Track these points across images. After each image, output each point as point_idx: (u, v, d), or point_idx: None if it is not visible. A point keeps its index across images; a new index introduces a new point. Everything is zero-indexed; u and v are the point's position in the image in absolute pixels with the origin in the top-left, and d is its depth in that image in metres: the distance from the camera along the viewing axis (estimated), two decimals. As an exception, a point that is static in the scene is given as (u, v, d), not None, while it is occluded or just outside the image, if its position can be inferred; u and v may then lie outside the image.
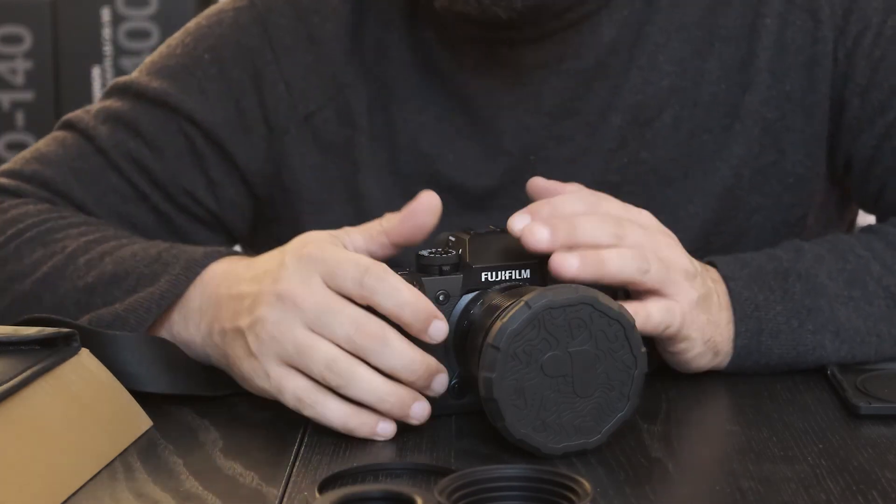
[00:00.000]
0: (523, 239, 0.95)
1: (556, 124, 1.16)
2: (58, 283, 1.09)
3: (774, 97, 1.16)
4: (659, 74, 1.16)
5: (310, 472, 0.88)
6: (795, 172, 1.17)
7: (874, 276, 1.07)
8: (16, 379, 0.86)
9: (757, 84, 1.16)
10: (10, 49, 2.10)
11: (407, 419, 0.93)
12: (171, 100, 1.18)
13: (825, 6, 1.15)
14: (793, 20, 1.16)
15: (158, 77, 1.20)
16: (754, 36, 1.16)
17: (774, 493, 0.84)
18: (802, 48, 1.16)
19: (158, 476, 0.88)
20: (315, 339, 0.92)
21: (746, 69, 1.16)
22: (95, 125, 1.19)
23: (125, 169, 1.18)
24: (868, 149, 1.16)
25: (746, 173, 1.16)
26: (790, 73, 1.16)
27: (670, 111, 1.16)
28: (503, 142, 1.17)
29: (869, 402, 0.97)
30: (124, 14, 2.10)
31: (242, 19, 1.20)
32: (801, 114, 1.16)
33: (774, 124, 1.16)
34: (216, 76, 1.19)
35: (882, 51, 1.15)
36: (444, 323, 0.92)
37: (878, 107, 1.15)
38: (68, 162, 1.19)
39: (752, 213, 1.17)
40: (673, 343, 1.01)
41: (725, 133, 1.16)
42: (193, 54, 1.20)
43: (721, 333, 1.03)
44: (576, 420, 0.89)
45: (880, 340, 1.06)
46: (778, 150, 1.17)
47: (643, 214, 1.01)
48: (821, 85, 1.16)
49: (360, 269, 0.92)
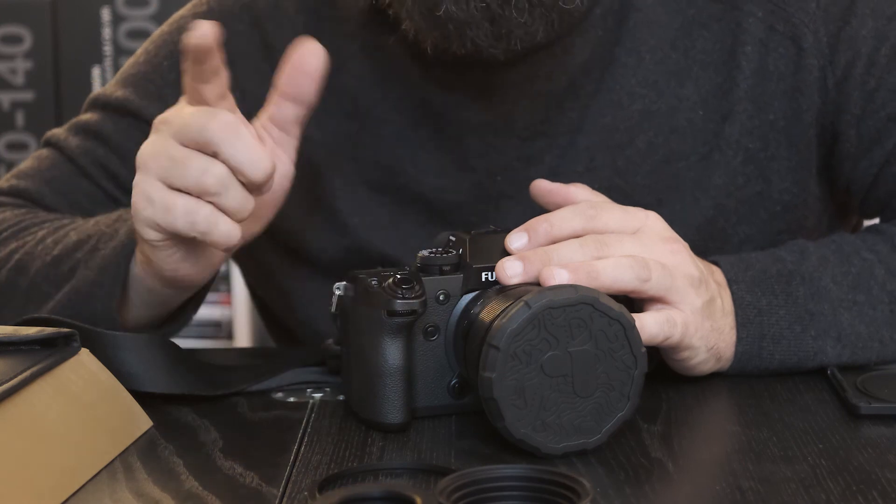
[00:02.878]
0: (497, 274, 0.95)
1: (526, 145, 1.14)
2: (29, 264, 1.11)
3: (757, 127, 1.14)
4: (630, 98, 1.14)
5: (310, 472, 0.88)
6: (783, 200, 1.15)
7: (878, 281, 1.07)
8: (16, 379, 0.86)
9: (737, 113, 1.13)
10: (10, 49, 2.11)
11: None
12: (132, 107, 1.19)
13: (808, 34, 1.12)
14: (774, 47, 1.13)
15: (123, 86, 1.21)
16: (733, 63, 1.13)
17: (774, 493, 0.84)
18: (784, 76, 1.13)
19: (158, 476, 0.88)
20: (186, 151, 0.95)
21: (726, 97, 1.13)
22: (67, 137, 1.21)
23: (94, 175, 1.19)
24: (868, 176, 1.15)
25: (731, 204, 1.14)
26: (773, 102, 1.13)
27: (644, 137, 1.14)
28: (469, 160, 1.15)
29: (869, 402, 0.97)
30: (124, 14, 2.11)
31: None
32: (785, 143, 1.14)
33: (758, 154, 1.14)
34: (174, 82, 1.18)
35: (876, 80, 1.13)
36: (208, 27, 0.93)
37: (875, 135, 1.13)
38: (42, 173, 1.21)
39: (740, 245, 1.15)
40: (676, 351, 1.01)
41: (703, 162, 1.14)
42: (153, 62, 1.21)
43: (724, 340, 1.03)
44: (576, 420, 0.89)
45: (882, 346, 1.06)
46: (764, 179, 1.14)
47: (650, 218, 1.01)
48: (805, 114, 1.13)
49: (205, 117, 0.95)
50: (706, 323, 1.00)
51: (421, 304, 0.93)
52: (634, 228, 1.00)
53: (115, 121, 1.20)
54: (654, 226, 1.01)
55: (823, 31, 1.13)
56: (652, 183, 1.14)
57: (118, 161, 1.19)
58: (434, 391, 0.97)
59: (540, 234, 0.97)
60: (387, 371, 0.94)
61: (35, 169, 1.21)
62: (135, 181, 0.97)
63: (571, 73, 1.13)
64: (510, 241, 0.97)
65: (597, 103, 1.13)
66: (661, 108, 1.14)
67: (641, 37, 1.13)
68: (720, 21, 1.14)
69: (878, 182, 1.15)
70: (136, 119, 1.19)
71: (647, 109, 1.14)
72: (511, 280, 0.94)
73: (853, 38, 1.13)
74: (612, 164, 1.14)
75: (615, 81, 1.13)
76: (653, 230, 1.00)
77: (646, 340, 0.93)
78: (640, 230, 1.00)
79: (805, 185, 1.16)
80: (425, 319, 0.95)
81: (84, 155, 1.20)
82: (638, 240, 0.99)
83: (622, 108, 1.14)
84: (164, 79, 1.19)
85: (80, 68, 2.10)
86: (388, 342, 0.93)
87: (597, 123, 1.14)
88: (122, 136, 1.19)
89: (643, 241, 0.99)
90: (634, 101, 1.14)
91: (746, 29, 1.13)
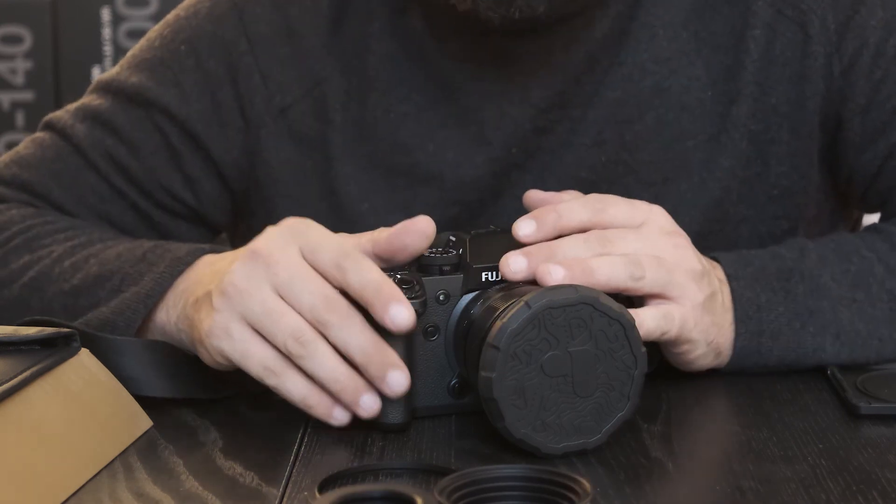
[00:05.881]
0: (501, 270, 0.94)
1: (541, 116, 1.15)
2: (45, 286, 1.09)
3: (760, 110, 1.14)
4: (641, 73, 1.14)
5: (310, 472, 0.88)
6: (780, 184, 1.16)
7: (878, 279, 1.07)
8: (16, 379, 0.86)
9: (744, 96, 1.14)
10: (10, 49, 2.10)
11: (356, 408, 0.92)
12: (148, 94, 1.17)
13: (816, 20, 1.13)
14: (782, 32, 1.13)
15: (137, 71, 1.19)
16: (742, 46, 1.14)
17: (774, 493, 0.84)
18: (790, 62, 1.14)
19: (158, 476, 0.88)
20: (282, 305, 0.91)
21: (734, 79, 1.14)
22: (73, 124, 1.19)
23: (102, 168, 1.18)
24: (871, 167, 1.15)
25: (735, 185, 1.15)
26: (777, 86, 1.14)
27: (653, 113, 1.14)
28: (485, 132, 1.15)
29: (869, 402, 0.97)
30: (124, 14, 2.10)
31: (218, 10, 1.19)
32: (786, 127, 1.14)
33: (759, 136, 1.14)
34: (192, 68, 1.18)
35: (883, 71, 1.13)
36: (407, 309, 0.90)
37: (880, 127, 1.14)
38: (46, 164, 1.18)
39: (738, 225, 1.15)
40: (675, 345, 1.01)
41: (712, 143, 1.14)
42: (170, 47, 1.19)
43: (724, 335, 1.03)
44: (576, 420, 0.89)
45: (881, 344, 1.06)
46: (763, 161, 1.15)
47: (654, 211, 1.01)
48: (809, 101, 1.14)
49: (340, 249, 0.92)
50: (706, 317, 1.00)
51: (421, 304, 0.93)
52: (639, 222, 1.00)
53: (128, 110, 1.18)
54: (658, 219, 1.01)
55: (832, 18, 1.13)
56: (659, 161, 1.15)
57: (128, 153, 1.17)
58: (434, 391, 0.97)
59: (548, 224, 0.97)
60: (387, 371, 0.94)
61: (38, 159, 1.19)
62: (215, 305, 0.93)
63: (589, 46, 1.14)
64: (518, 227, 0.97)
65: (609, 77, 1.14)
66: (671, 86, 1.14)
67: (656, 12, 1.14)
68: (730, 3, 1.14)
69: (881, 174, 1.15)
70: (149, 108, 1.17)
71: (658, 86, 1.14)
72: (515, 276, 0.94)
73: (861, 27, 1.13)
74: (620, 139, 1.15)
75: (628, 55, 1.14)
76: (656, 224, 1.00)
77: (643, 336, 0.93)
78: (644, 223, 1.00)
79: (804, 171, 1.16)
80: (425, 319, 0.95)
81: (92, 146, 1.18)
82: (641, 235, 0.99)
83: (633, 83, 1.14)
84: (182, 65, 1.18)
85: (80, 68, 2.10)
86: (388, 342, 0.93)
87: (607, 97, 1.14)
88: (133, 127, 1.17)
89: (646, 236, 0.99)
90: (646, 76, 1.14)
91: (755, 12, 1.14)
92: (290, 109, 1.17)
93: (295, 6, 1.18)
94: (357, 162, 1.17)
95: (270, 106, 1.17)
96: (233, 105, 1.18)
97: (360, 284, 0.91)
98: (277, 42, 1.17)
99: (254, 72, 1.17)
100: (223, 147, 1.18)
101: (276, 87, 1.17)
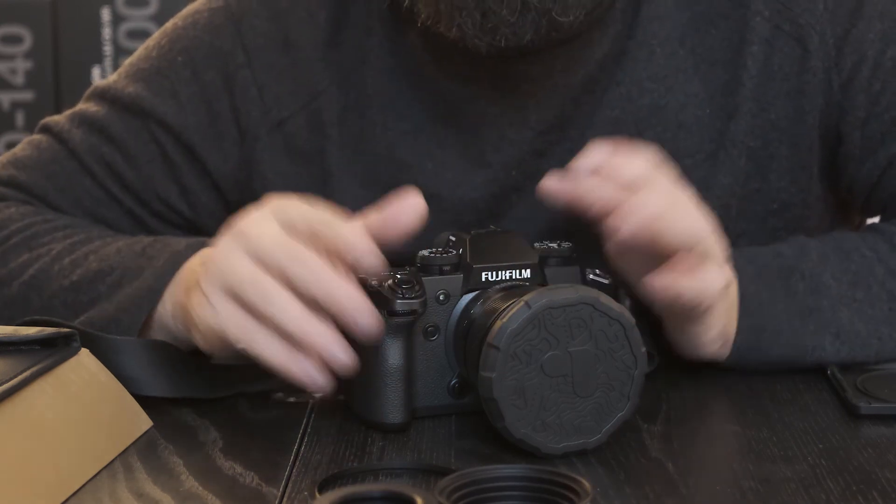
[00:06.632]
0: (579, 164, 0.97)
1: (539, 139, 1.14)
2: (44, 284, 1.09)
3: (759, 125, 1.13)
4: (639, 91, 1.13)
5: (310, 472, 0.88)
6: (780, 198, 1.15)
7: (878, 279, 1.07)
8: (16, 379, 0.86)
9: (742, 112, 1.13)
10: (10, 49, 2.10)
11: (331, 362, 0.90)
12: (144, 104, 1.17)
13: (814, 35, 1.12)
14: (780, 47, 1.13)
15: (133, 81, 1.19)
16: (740, 62, 1.13)
17: (774, 493, 0.84)
18: (789, 77, 1.13)
19: (158, 476, 0.88)
20: (257, 270, 0.90)
21: (732, 95, 1.13)
22: (70, 129, 1.19)
23: (98, 173, 1.17)
24: (872, 177, 1.15)
25: (733, 202, 1.14)
26: (776, 101, 1.13)
27: (651, 132, 1.13)
28: (486, 154, 1.14)
29: (869, 402, 0.97)
30: (124, 14, 2.10)
31: (216, 20, 1.18)
32: (786, 142, 1.14)
33: (758, 152, 1.14)
34: (189, 79, 1.17)
35: (882, 83, 1.12)
36: (377, 257, 0.89)
37: (879, 137, 1.13)
38: (43, 166, 1.18)
39: (737, 238, 1.14)
40: (693, 322, 1.00)
41: (710, 161, 1.13)
42: (168, 57, 1.18)
43: (731, 325, 1.03)
44: (576, 420, 0.89)
45: (881, 343, 1.06)
46: (762, 177, 1.14)
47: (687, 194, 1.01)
48: (808, 116, 1.13)
49: (317, 216, 0.91)
50: (723, 303, 1.01)
51: (421, 304, 0.93)
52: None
53: (124, 119, 1.18)
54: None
55: (830, 32, 1.12)
56: None
57: (123, 161, 1.17)
58: (434, 391, 0.97)
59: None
60: (387, 371, 0.94)
61: (35, 160, 1.19)
62: (199, 283, 0.93)
63: (589, 67, 1.13)
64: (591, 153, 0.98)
65: (607, 97, 1.13)
66: (668, 104, 1.13)
67: (652, 30, 1.13)
68: (727, 19, 1.14)
69: (881, 184, 1.15)
70: (146, 118, 1.17)
71: (656, 104, 1.13)
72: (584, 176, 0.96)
73: (860, 41, 1.12)
74: None
75: (626, 74, 1.13)
76: None
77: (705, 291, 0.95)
78: None
79: (804, 185, 1.16)
80: (425, 319, 0.95)
81: (88, 152, 1.17)
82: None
83: (631, 102, 1.13)
84: (178, 75, 1.17)
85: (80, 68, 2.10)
86: (388, 342, 0.93)
87: (605, 117, 1.14)
88: (130, 136, 1.17)
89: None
90: (643, 94, 1.13)
91: (753, 28, 1.13)
92: (286, 122, 1.17)
93: (293, 18, 1.17)
94: (354, 177, 1.16)
95: (267, 118, 1.16)
96: (229, 117, 1.17)
97: (333, 239, 0.90)
98: (274, 54, 1.17)
99: (250, 84, 1.16)
100: (219, 158, 1.18)
101: (272, 99, 1.16)
